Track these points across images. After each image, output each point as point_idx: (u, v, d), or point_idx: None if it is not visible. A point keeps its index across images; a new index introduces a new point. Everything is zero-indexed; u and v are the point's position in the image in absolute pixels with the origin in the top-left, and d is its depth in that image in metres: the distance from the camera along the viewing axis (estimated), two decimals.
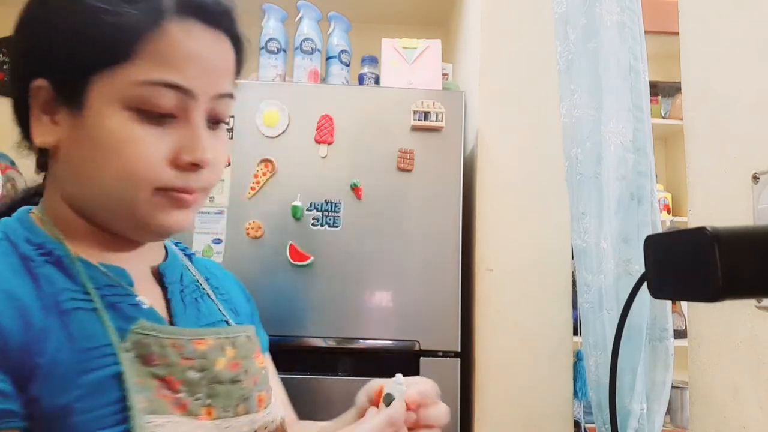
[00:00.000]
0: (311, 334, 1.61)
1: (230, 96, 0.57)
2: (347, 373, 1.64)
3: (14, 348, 0.45)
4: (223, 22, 0.55)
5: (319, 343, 1.61)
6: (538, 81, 1.72)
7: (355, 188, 1.66)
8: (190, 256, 0.70)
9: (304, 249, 1.63)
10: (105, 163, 0.50)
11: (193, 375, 0.53)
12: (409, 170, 1.68)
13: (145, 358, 0.50)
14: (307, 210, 1.65)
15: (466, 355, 1.68)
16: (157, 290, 0.60)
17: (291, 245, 1.63)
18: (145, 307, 0.55)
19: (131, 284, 0.55)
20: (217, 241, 1.62)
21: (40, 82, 0.52)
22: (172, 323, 0.58)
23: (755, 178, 0.72)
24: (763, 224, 0.70)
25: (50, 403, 0.45)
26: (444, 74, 1.88)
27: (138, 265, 0.59)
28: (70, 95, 0.51)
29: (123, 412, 0.47)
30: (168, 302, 0.59)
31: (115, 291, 0.53)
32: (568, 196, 1.24)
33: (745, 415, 0.75)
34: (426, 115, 1.69)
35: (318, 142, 1.68)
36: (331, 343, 1.61)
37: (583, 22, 1.18)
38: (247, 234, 1.62)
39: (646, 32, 1.14)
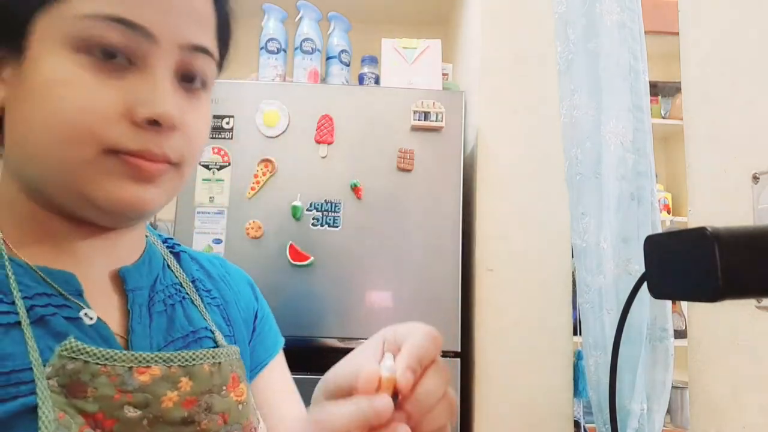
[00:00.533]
0: (311, 334, 1.61)
1: (206, 52, 0.47)
2: None
3: None
4: None
5: (319, 343, 1.61)
6: (538, 81, 1.72)
7: (355, 188, 1.66)
8: (177, 254, 0.59)
9: (304, 249, 1.63)
10: (42, 115, 0.41)
11: (131, 413, 0.42)
12: (409, 170, 1.68)
13: (70, 388, 0.40)
14: (307, 210, 1.65)
15: (466, 355, 1.68)
16: (115, 300, 0.49)
17: (291, 245, 1.63)
18: (89, 322, 0.44)
19: (79, 292, 0.45)
20: (217, 241, 1.62)
21: None
22: (127, 341, 0.47)
23: (755, 178, 0.72)
24: (763, 224, 0.70)
25: None
26: (444, 74, 1.88)
27: (98, 267, 0.49)
28: (11, 40, 0.43)
29: None
30: (128, 314, 0.48)
31: (49, 301, 0.44)
32: (568, 196, 1.24)
33: (745, 415, 0.75)
34: (426, 115, 1.69)
35: (318, 142, 1.68)
36: (331, 343, 1.61)
37: (583, 22, 1.18)
38: (247, 234, 1.62)
39: (646, 32, 1.14)
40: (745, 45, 0.77)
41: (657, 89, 2.44)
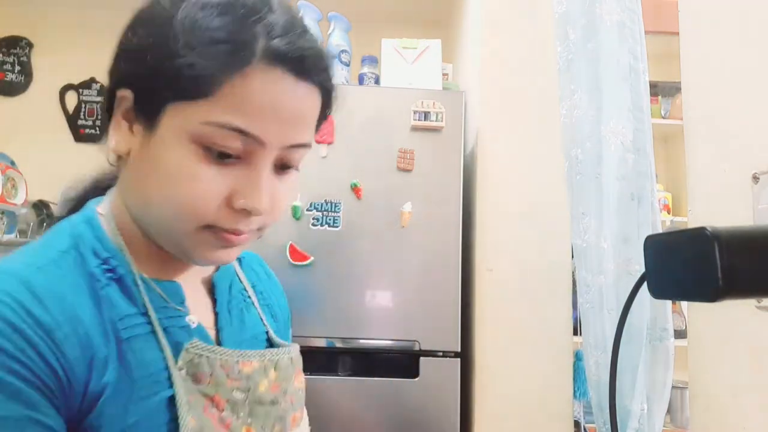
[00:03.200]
0: (311, 334, 1.61)
1: (306, 146, 0.55)
2: (347, 373, 1.64)
3: (77, 381, 0.45)
4: (313, 73, 0.52)
5: (319, 343, 1.61)
6: (538, 81, 1.72)
7: (355, 188, 1.66)
8: (239, 259, 0.70)
9: (304, 249, 1.63)
10: (159, 190, 0.50)
11: (238, 395, 0.55)
12: (409, 170, 1.68)
13: (196, 377, 0.52)
14: (307, 210, 1.65)
15: (466, 355, 1.68)
16: (207, 302, 0.61)
17: (291, 245, 1.63)
18: (193, 327, 0.56)
19: (182, 301, 0.56)
20: None
21: (125, 92, 0.52)
22: (218, 338, 0.59)
23: (755, 178, 0.72)
24: (763, 224, 0.70)
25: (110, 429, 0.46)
26: (444, 74, 1.88)
27: (192, 275, 0.60)
28: (147, 113, 0.51)
29: (175, 430, 0.48)
30: (216, 315, 0.60)
31: (167, 314, 0.54)
32: (568, 196, 1.24)
33: (745, 415, 0.75)
34: (426, 115, 1.69)
35: (318, 142, 1.68)
36: (331, 343, 1.61)
37: (583, 22, 1.18)
38: None
39: (646, 32, 1.14)
40: (745, 45, 0.77)
41: (657, 89, 2.44)
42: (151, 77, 0.50)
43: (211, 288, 0.62)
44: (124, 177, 0.56)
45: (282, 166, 0.54)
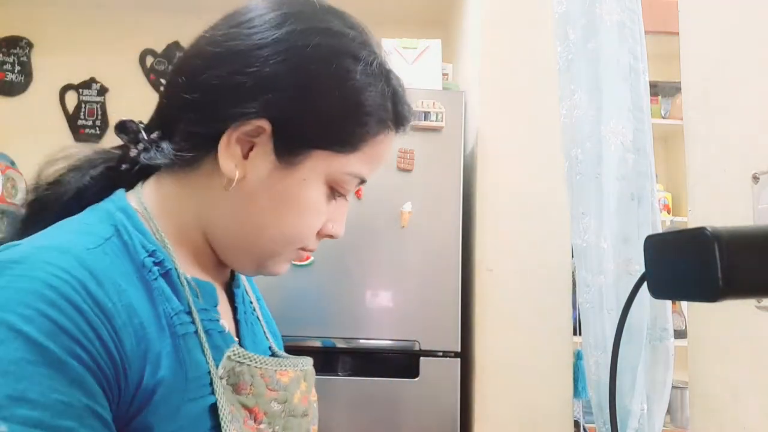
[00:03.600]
0: (311, 334, 1.61)
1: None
2: (347, 373, 1.64)
3: (133, 374, 0.42)
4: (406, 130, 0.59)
5: (320, 343, 1.61)
6: (538, 81, 1.72)
7: None
8: None
9: None
10: (280, 220, 0.53)
11: (276, 407, 0.53)
12: (409, 170, 1.68)
13: (236, 387, 0.50)
14: None
15: (466, 355, 1.68)
16: (228, 310, 0.59)
17: None
18: (227, 333, 0.54)
19: (216, 304, 0.55)
20: None
21: (263, 123, 0.50)
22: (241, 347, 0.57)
23: (755, 178, 0.72)
24: (763, 224, 0.70)
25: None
26: (444, 74, 1.88)
27: (219, 279, 0.59)
28: (287, 152, 0.52)
29: None
30: (237, 324, 0.59)
31: (207, 316, 0.52)
32: (568, 196, 1.24)
33: (745, 415, 0.75)
34: (426, 115, 1.69)
35: None
36: (332, 343, 1.61)
37: (583, 22, 1.18)
38: None
39: (646, 32, 1.14)
40: (745, 45, 0.77)
41: (657, 89, 2.44)
42: (309, 122, 0.51)
43: (229, 294, 0.61)
44: (212, 195, 0.53)
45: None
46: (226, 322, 0.56)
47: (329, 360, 1.65)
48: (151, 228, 0.52)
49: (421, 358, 1.62)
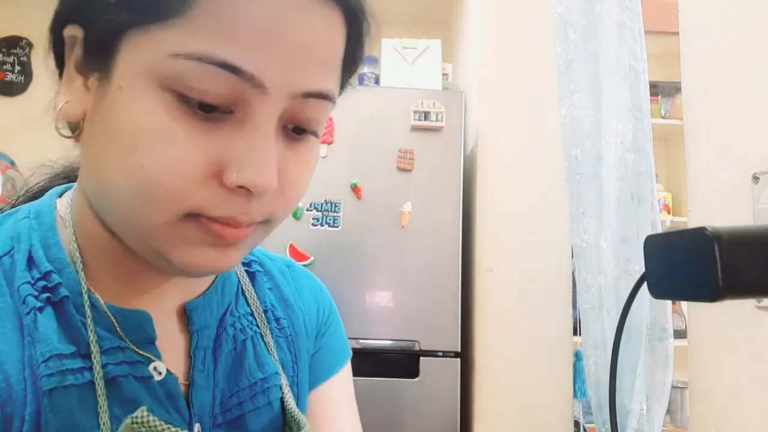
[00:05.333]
0: None
1: (325, 97, 0.37)
2: None
3: None
4: None
5: None
6: (538, 81, 1.72)
7: (355, 188, 1.66)
8: (253, 273, 0.52)
9: (304, 249, 1.63)
10: (119, 161, 0.34)
11: None
12: (409, 170, 1.68)
13: None
14: (307, 210, 1.65)
15: (466, 355, 1.68)
16: (181, 339, 0.44)
17: (291, 245, 1.63)
18: (158, 378, 0.40)
19: (151, 340, 0.41)
20: None
21: (73, 29, 0.37)
22: (187, 392, 0.42)
23: (755, 178, 0.72)
24: (763, 224, 0.70)
25: None
26: (444, 74, 1.88)
27: (169, 301, 0.44)
28: (99, 52, 0.35)
29: None
30: (191, 359, 0.43)
31: (123, 357, 0.39)
32: (568, 196, 1.24)
33: (745, 415, 0.75)
34: (426, 115, 1.69)
35: None
36: None
37: (582, 22, 1.18)
38: None
39: (646, 32, 1.14)
40: (745, 45, 0.77)
41: (657, 89, 2.44)
42: None
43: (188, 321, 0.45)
44: (81, 154, 0.39)
45: (295, 129, 0.38)
46: (173, 359, 0.42)
47: None
48: (65, 238, 0.40)
49: (421, 358, 1.62)
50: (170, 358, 0.42)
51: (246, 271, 0.52)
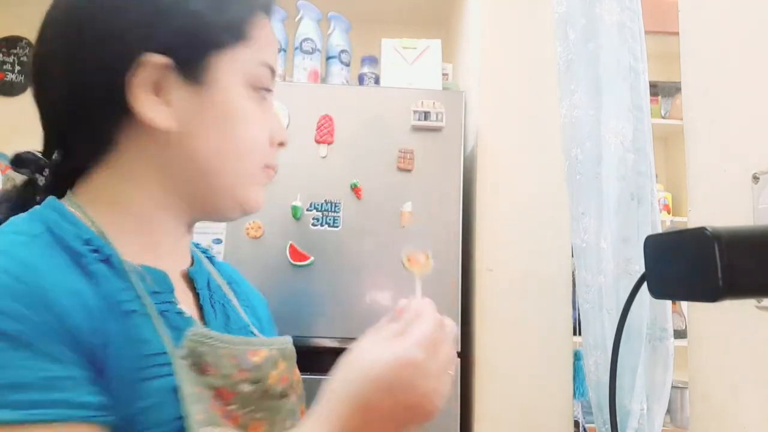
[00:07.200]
0: (311, 334, 1.61)
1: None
2: None
3: (94, 352, 0.42)
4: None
5: (320, 343, 1.61)
6: (538, 81, 1.72)
7: (355, 188, 1.66)
8: (211, 259, 0.67)
9: (304, 249, 1.63)
10: (230, 142, 0.52)
11: (246, 388, 0.50)
12: (409, 170, 1.68)
13: (200, 368, 0.48)
14: (307, 210, 1.65)
15: (466, 355, 1.68)
16: (189, 296, 0.57)
17: (291, 245, 1.63)
18: (186, 315, 0.52)
19: (171, 290, 0.52)
20: (217, 241, 1.62)
21: (156, 58, 0.49)
22: None
23: (755, 178, 0.72)
24: (763, 224, 0.70)
25: (119, 413, 0.42)
26: (444, 74, 1.88)
27: (175, 266, 0.57)
28: (194, 69, 0.50)
29: (180, 422, 0.44)
30: (200, 309, 0.57)
31: (161, 298, 0.50)
32: (568, 196, 1.24)
33: (745, 415, 0.75)
34: (426, 115, 1.69)
35: (318, 142, 1.68)
36: (332, 343, 1.61)
37: (582, 22, 1.18)
38: (247, 234, 1.62)
39: (646, 32, 1.14)
40: (744, 45, 0.77)
41: (657, 89, 2.44)
42: (191, 29, 0.50)
43: (191, 283, 0.58)
44: (158, 156, 0.52)
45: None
46: (187, 307, 0.54)
47: (329, 360, 1.64)
48: (86, 221, 0.50)
49: None
50: (186, 307, 0.54)
51: (205, 256, 0.67)
